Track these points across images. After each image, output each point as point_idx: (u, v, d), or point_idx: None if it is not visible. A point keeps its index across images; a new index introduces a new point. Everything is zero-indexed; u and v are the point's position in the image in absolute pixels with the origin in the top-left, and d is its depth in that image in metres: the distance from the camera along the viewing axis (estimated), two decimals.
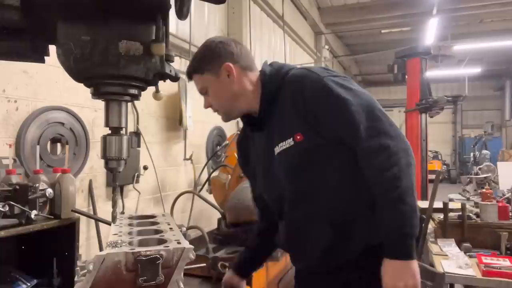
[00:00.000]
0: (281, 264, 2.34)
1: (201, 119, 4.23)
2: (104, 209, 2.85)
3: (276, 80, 1.39)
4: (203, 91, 1.43)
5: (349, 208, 1.29)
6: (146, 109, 3.40)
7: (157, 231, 1.28)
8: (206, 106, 1.48)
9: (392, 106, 14.80)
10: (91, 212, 2.72)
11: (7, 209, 1.58)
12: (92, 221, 2.73)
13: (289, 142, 1.32)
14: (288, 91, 1.34)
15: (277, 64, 1.46)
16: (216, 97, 1.42)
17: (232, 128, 4.71)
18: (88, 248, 2.74)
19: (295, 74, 1.36)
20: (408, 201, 1.16)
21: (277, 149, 1.36)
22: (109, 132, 0.93)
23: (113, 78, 0.85)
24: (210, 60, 1.40)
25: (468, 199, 4.14)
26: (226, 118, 1.50)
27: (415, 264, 1.18)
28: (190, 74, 1.46)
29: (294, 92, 1.32)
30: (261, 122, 1.45)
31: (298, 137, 1.30)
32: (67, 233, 1.82)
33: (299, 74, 1.35)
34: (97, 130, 2.79)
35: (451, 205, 3.08)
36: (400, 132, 1.24)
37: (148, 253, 0.95)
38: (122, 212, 3.00)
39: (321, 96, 1.27)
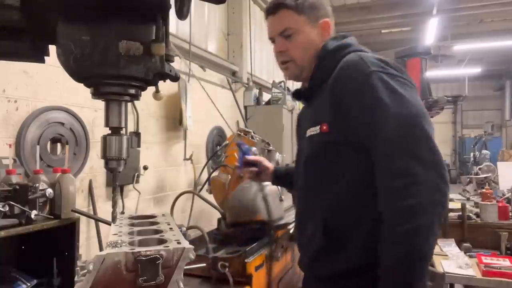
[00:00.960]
0: (281, 264, 2.34)
1: (201, 119, 4.23)
2: (104, 209, 2.85)
3: (333, 60, 1.24)
4: (287, 32, 1.29)
5: (347, 220, 1.17)
6: (146, 109, 3.40)
7: (157, 231, 1.28)
8: (278, 49, 1.32)
9: None
10: (91, 212, 2.72)
11: (7, 209, 1.58)
12: (92, 221, 2.73)
13: (316, 129, 1.23)
14: (334, 75, 1.21)
15: (343, 42, 1.29)
16: (301, 45, 1.29)
17: (232, 128, 4.71)
18: (88, 248, 2.74)
19: (346, 60, 1.21)
20: (415, 244, 0.96)
21: (307, 133, 1.28)
22: (109, 132, 0.93)
23: (113, 78, 0.85)
24: (314, 7, 1.29)
25: (468, 199, 4.14)
26: (296, 72, 1.34)
27: None
28: (279, 6, 1.30)
29: (336, 79, 1.20)
30: (307, 97, 1.36)
31: (324, 127, 1.20)
32: (67, 233, 1.82)
33: (350, 60, 1.20)
34: (97, 130, 2.78)
35: (451, 205, 3.09)
36: (440, 162, 1.01)
37: (148, 253, 0.95)
38: (122, 212, 3.00)
39: (359, 91, 1.12)
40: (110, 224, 1.35)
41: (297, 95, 1.44)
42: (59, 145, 2.51)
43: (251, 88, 5.29)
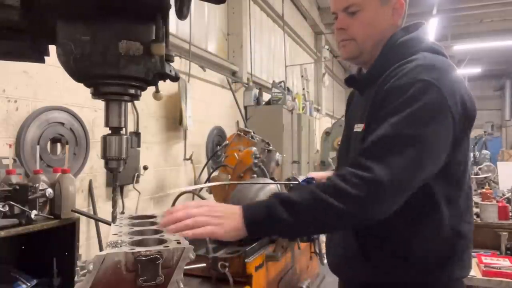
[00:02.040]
0: (281, 264, 2.34)
1: (201, 119, 4.23)
2: (104, 209, 2.85)
3: (397, 56, 1.13)
4: (351, 9, 1.16)
5: (377, 231, 1.10)
6: (146, 109, 3.40)
7: (157, 231, 1.28)
8: (339, 26, 1.20)
9: None
10: (91, 212, 2.72)
11: (7, 209, 1.58)
12: (92, 221, 2.73)
13: (360, 127, 1.16)
14: (388, 74, 1.10)
15: (414, 36, 1.16)
16: (364, 24, 1.16)
17: (232, 128, 4.71)
18: (88, 248, 2.74)
19: (407, 64, 1.07)
20: (321, 211, 0.96)
21: (355, 127, 1.20)
22: (109, 132, 0.93)
23: (113, 78, 0.85)
24: None
25: None
26: (355, 53, 1.22)
27: (235, 224, 0.98)
28: None
29: (384, 83, 1.09)
30: (361, 85, 1.26)
31: (364, 126, 1.14)
32: (67, 233, 1.82)
33: (411, 66, 1.06)
34: (97, 130, 2.79)
35: None
36: (399, 185, 0.96)
37: (148, 253, 0.95)
38: (122, 212, 3.00)
39: (395, 97, 1.03)
40: (110, 224, 1.34)
41: (350, 81, 1.32)
42: (59, 145, 2.51)
43: (251, 88, 5.29)
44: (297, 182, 1.43)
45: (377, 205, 0.97)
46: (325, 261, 1.33)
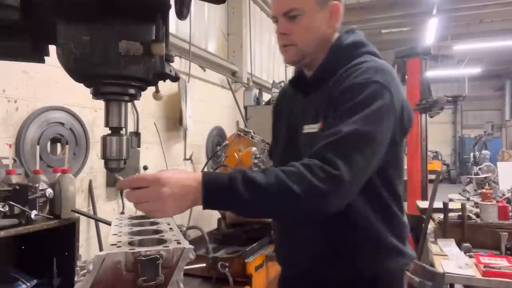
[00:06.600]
0: None
1: (201, 119, 4.23)
2: (104, 209, 2.85)
3: (346, 57, 1.19)
4: (292, 13, 1.18)
5: (346, 225, 1.14)
6: (146, 109, 3.40)
7: (157, 231, 1.28)
8: (281, 31, 1.22)
9: None
10: (91, 212, 2.72)
11: (7, 209, 1.58)
12: (92, 221, 2.73)
13: (316, 127, 1.18)
14: (344, 75, 1.15)
15: (358, 40, 1.25)
16: (305, 29, 1.19)
17: (232, 128, 4.71)
18: (88, 248, 2.74)
19: (362, 65, 1.14)
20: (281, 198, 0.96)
21: (306, 128, 1.22)
22: (109, 132, 0.93)
23: (113, 78, 0.85)
24: None
25: (468, 199, 4.13)
26: (297, 58, 1.26)
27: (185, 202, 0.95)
28: None
29: (341, 81, 1.14)
30: (308, 87, 1.28)
31: (321, 125, 1.16)
32: (67, 233, 1.82)
33: (365, 67, 1.13)
34: (97, 130, 2.78)
35: (451, 205, 3.08)
36: (357, 182, 1.02)
37: (148, 253, 0.95)
38: (122, 212, 3.00)
39: (350, 92, 1.09)
40: (110, 224, 1.35)
41: (296, 82, 1.34)
42: (59, 145, 2.51)
43: (251, 88, 5.29)
44: None
45: (336, 200, 1.01)
46: None
